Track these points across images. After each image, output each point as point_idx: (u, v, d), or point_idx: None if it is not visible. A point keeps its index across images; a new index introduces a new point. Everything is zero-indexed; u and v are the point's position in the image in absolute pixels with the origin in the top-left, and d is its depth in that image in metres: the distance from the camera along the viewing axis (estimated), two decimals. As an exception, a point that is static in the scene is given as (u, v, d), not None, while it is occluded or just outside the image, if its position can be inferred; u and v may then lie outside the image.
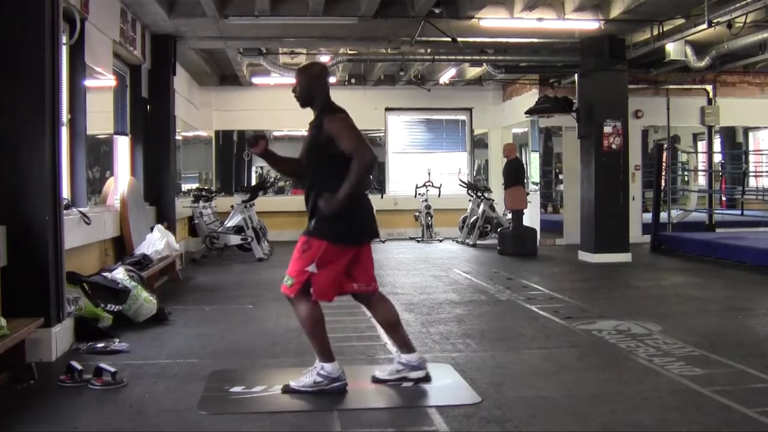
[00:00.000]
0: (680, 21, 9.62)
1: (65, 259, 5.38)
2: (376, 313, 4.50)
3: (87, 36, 7.03)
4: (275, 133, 15.86)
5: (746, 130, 16.23)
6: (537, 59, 11.91)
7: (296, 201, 4.62)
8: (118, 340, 5.52)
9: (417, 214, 14.71)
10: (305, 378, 4.24)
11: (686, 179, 16.42)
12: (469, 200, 14.14)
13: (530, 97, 13.58)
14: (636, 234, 12.56)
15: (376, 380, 4.41)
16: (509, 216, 12.79)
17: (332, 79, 12.96)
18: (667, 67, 12.18)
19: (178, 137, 11.66)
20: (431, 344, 5.50)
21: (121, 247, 8.09)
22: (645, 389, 4.27)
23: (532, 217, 13.44)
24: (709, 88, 13.89)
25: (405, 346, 4.43)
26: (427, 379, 4.37)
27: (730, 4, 8.24)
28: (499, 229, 12.98)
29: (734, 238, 11.25)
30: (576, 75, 11.46)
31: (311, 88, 4.32)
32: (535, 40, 10.74)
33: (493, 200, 13.82)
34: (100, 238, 7.37)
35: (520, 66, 12.67)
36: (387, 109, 15.71)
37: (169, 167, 10.12)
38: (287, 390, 4.23)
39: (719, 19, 8.48)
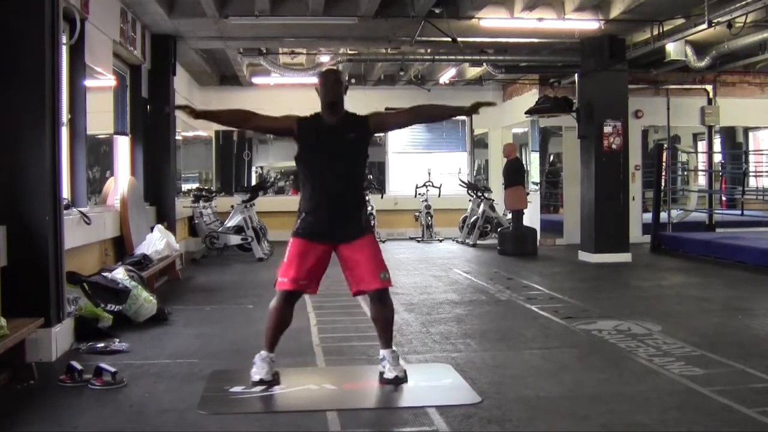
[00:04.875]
0: (680, 21, 9.61)
1: (65, 259, 5.38)
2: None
3: (87, 36, 7.03)
4: (275, 133, 15.84)
5: (746, 130, 16.24)
6: (537, 59, 11.91)
7: (296, 201, 4.62)
8: (118, 340, 5.52)
9: (417, 214, 14.71)
10: (399, 365, 4.42)
11: (686, 179, 16.42)
12: (469, 200, 14.13)
13: (530, 97, 13.57)
14: (636, 234, 12.55)
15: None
16: (509, 216, 12.79)
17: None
18: (667, 67, 12.18)
19: (178, 137, 11.66)
20: (431, 344, 5.50)
21: (121, 247, 8.08)
22: (645, 389, 4.27)
23: (532, 217, 13.44)
24: (709, 88, 13.88)
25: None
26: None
27: (730, 4, 8.23)
28: (499, 229, 12.98)
29: (734, 238, 11.25)
30: (576, 75, 11.45)
31: (343, 93, 4.52)
32: (535, 40, 10.73)
33: (493, 200, 13.82)
34: (100, 238, 7.37)
35: (520, 66, 12.66)
36: (387, 109, 15.66)
37: (169, 167, 10.12)
38: (400, 380, 4.35)
39: (719, 19, 8.47)
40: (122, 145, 9.26)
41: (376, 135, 15.34)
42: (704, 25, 8.62)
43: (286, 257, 4.40)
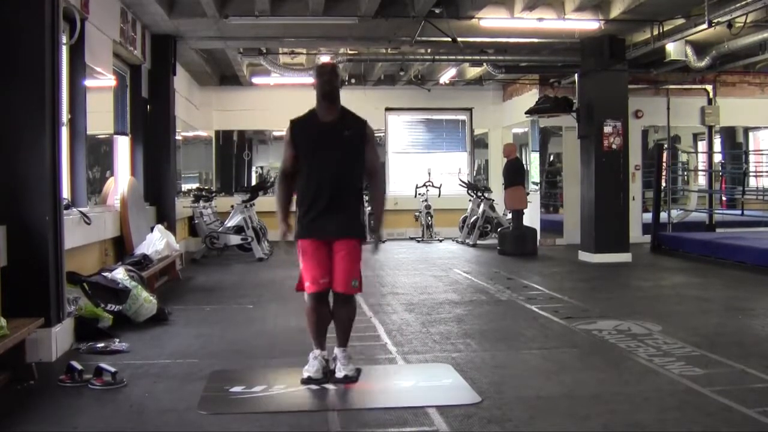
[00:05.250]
0: (680, 21, 9.61)
1: (65, 259, 5.39)
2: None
3: (87, 36, 7.03)
4: (275, 133, 15.83)
5: (746, 130, 16.23)
6: (537, 59, 11.91)
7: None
8: (118, 340, 5.52)
9: (417, 214, 14.71)
10: (350, 364, 4.48)
11: (686, 179, 16.43)
12: (469, 200, 14.14)
13: (530, 97, 13.58)
14: (636, 234, 12.55)
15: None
16: (509, 216, 12.79)
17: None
18: (667, 67, 12.18)
19: (178, 137, 11.65)
20: (431, 344, 5.50)
21: (121, 247, 8.08)
22: (645, 389, 4.27)
23: (532, 217, 13.44)
24: (709, 88, 13.88)
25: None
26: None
27: (730, 4, 8.23)
28: (499, 229, 12.98)
29: (734, 238, 11.25)
30: (576, 75, 11.45)
31: (339, 86, 4.55)
32: (535, 40, 10.74)
33: (493, 200, 13.82)
34: (100, 238, 7.37)
35: (520, 66, 12.67)
36: (387, 109, 15.70)
37: (169, 167, 10.12)
38: (349, 379, 4.41)
39: (719, 19, 8.47)
40: (122, 145, 9.26)
41: (376, 135, 15.56)
42: (704, 25, 8.63)
43: (301, 261, 4.48)
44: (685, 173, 16.34)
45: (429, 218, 14.48)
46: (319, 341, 4.53)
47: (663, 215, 12.82)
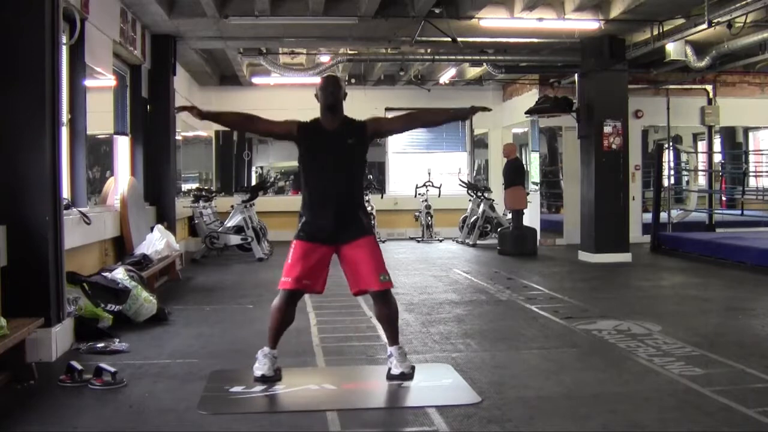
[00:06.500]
0: (680, 21, 9.61)
1: (65, 259, 5.39)
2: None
3: (87, 36, 7.03)
4: (275, 133, 15.80)
5: (746, 130, 16.24)
6: (537, 59, 11.91)
7: (296, 201, 4.66)
8: (118, 340, 5.52)
9: (417, 214, 14.71)
10: (406, 361, 4.46)
11: (686, 179, 16.42)
12: (469, 200, 14.14)
13: (530, 97, 13.57)
14: (636, 234, 12.55)
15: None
16: (509, 216, 12.79)
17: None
18: (667, 67, 12.17)
19: (178, 137, 11.65)
20: (431, 344, 5.50)
21: (121, 247, 8.09)
22: (645, 389, 4.28)
23: (532, 217, 13.44)
24: (709, 88, 13.88)
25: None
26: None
27: (730, 4, 8.23)
28: (499, 229, 12.98)
29: (734, 238, 11.25)
30: (576, 75, 11.45)
31: (342, 98, 4.57)
32: (535, 40, 10.73)
33: (493, 200, 13.82)
34: (100, 238, 7.37)
35: (520, 66, 12.66)
36: (387, 109, 15.64)
37: (169, 167, 10.12)
38: (405, 376, 4.41)
39: (719, 19, 8.47)
40: (122, 145, 9.27)
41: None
42: (704, 25, 8.62)
43: (289, 258, 4.44)
44: (684, 173, 16.33)
45: (429, 218, 14.48)
46: (273, 340, 4.48)
47: (663, 215, 12.83)
